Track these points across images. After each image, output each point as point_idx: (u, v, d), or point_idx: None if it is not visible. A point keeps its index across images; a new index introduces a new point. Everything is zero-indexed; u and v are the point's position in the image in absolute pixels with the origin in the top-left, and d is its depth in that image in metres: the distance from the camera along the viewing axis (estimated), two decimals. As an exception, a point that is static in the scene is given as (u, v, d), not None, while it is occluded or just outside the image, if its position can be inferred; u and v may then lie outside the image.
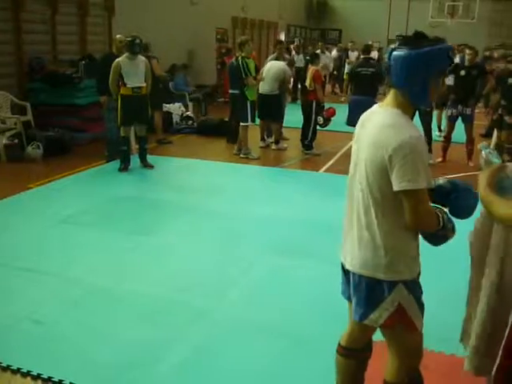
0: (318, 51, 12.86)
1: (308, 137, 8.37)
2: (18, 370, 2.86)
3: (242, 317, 3.49)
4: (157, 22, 11.22)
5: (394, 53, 1.98)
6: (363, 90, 7.89)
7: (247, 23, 17.10)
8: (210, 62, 14.57)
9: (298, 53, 14.95)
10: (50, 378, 2.80)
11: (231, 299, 3.73)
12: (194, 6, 13.41)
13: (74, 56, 9.16)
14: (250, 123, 8.00)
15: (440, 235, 2.05)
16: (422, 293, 2.14)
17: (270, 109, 8.43)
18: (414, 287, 2.08)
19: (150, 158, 7.29)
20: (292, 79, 12.08)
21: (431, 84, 1.99)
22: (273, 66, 8.59)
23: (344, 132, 8.46)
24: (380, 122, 2.01)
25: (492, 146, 7.08)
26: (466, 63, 7.55)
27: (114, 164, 7.19)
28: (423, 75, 1.97)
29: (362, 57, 9.29)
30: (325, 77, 12.52)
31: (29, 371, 2.85)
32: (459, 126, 7.76)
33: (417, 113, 7.75)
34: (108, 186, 6.42)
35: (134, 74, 6.74)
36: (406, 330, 2.12)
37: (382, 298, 2.06)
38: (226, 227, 5.14)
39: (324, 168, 7.64)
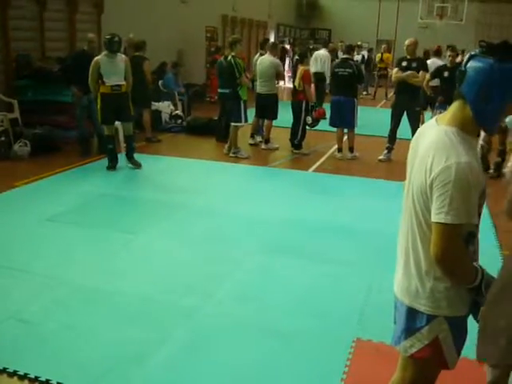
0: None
1: (297, 136, 8.38)
2: (4, 370, 2.83)
3: (229, 316, 3.49)
4: (146, 20, 11.16)
5: (473, 60, 1.71)
6: (342, 90, 7.96)
7: (237, 22, 17.09)
8: (199, 60, 14.53)
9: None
10: (36, 378, 2.78)
11: (218, 298, 3.73)
12: (184, 4, 13.37)
13: (62, 53, 9.08)
14: (244, 123, 8.00)
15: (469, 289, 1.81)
16: (466, 333, 1.91)
17: (267, 108, 8.47)
18: (457, 324, 1.86)
19: (138, 157, 7.25)
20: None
21: (506, 108, 1.72)
22: (263, 61, 8.50)
23: (333, 132, 8.47)
24: (429, 142, 1.78)
25: (479, 144, 7.09)
26: (448, 64, 7.63)
27: (102, 162, 7.15)
28: (501, 95, 1.68)
29: (341, 57, 9.33)
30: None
31: (15, 371, 2.82)
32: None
33: (405, 113, 7.82)
34: (95, 184, 6.38)
35: (113, 72, 6.69)
36: (433, 365, 1.93)
37: (419, 328, 1.87)
38: (215, 226, 5.14)
39: (313, 167, 7.66)
